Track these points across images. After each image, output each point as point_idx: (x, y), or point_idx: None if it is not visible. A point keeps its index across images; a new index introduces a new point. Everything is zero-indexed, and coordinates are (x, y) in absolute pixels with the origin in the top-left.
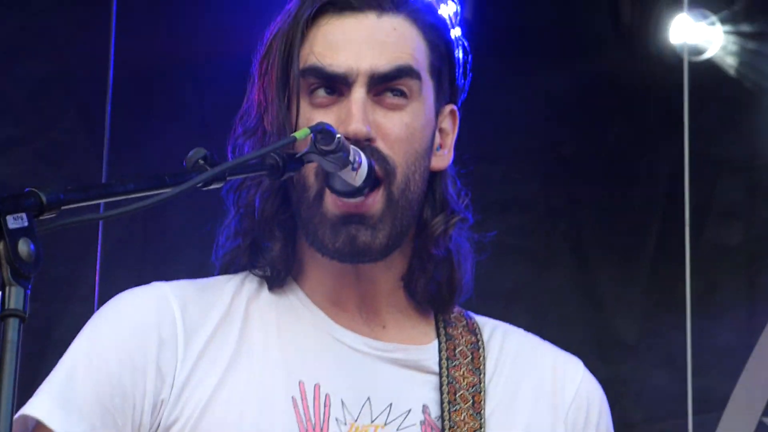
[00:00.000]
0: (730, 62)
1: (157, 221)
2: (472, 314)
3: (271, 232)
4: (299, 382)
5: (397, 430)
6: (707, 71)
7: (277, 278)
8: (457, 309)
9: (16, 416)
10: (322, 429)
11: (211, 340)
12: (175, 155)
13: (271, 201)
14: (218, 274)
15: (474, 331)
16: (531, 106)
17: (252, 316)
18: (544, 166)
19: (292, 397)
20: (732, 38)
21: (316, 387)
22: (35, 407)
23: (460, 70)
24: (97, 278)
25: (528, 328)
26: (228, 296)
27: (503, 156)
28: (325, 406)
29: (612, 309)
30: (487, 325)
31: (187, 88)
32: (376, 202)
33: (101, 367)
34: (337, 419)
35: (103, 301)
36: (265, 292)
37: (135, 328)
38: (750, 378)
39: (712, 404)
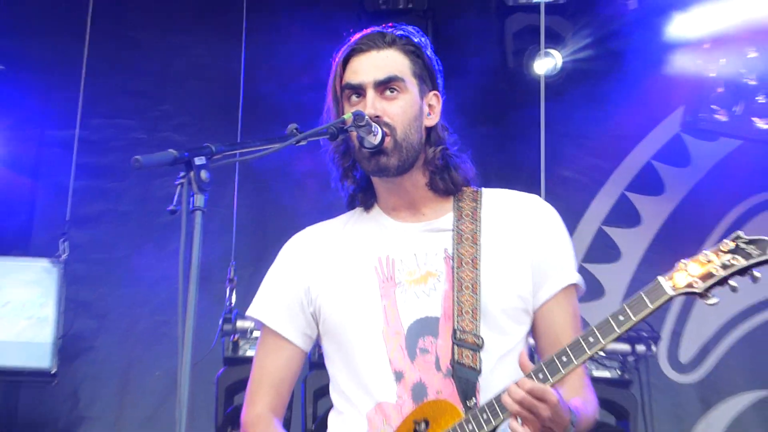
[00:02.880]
0: (568, 78)
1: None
2: (484, 189)
3: (351, 178)
4: (377, 257)
5: (432, 264)
6: (554, 84)
7: (365, 205)
8: (473, 187)
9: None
10: (391, 277)
11: (333, 247)
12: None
13: (345, 161)
14: (347, 209)
15: (476, 199)
16: (453, 105)
17: (354, 228)
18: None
19: (374, 265)
20: (569, 64)
21: (387, 256)
22: (256, 310)
23: (437, 73)
24: (235, 197)
25: None
26: (343, 222)
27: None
28: (392, 265)
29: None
30: (487, 192)
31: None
32: (386, 143)
33: (284, 281)
34: (398, 270)
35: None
36: (365, 214)
37: (297, 257)
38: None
39: None
